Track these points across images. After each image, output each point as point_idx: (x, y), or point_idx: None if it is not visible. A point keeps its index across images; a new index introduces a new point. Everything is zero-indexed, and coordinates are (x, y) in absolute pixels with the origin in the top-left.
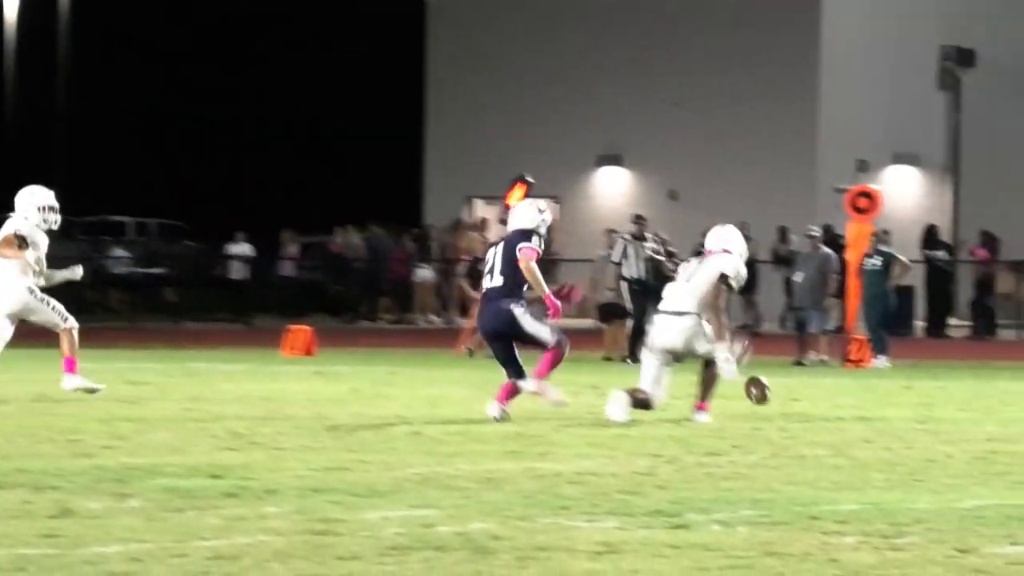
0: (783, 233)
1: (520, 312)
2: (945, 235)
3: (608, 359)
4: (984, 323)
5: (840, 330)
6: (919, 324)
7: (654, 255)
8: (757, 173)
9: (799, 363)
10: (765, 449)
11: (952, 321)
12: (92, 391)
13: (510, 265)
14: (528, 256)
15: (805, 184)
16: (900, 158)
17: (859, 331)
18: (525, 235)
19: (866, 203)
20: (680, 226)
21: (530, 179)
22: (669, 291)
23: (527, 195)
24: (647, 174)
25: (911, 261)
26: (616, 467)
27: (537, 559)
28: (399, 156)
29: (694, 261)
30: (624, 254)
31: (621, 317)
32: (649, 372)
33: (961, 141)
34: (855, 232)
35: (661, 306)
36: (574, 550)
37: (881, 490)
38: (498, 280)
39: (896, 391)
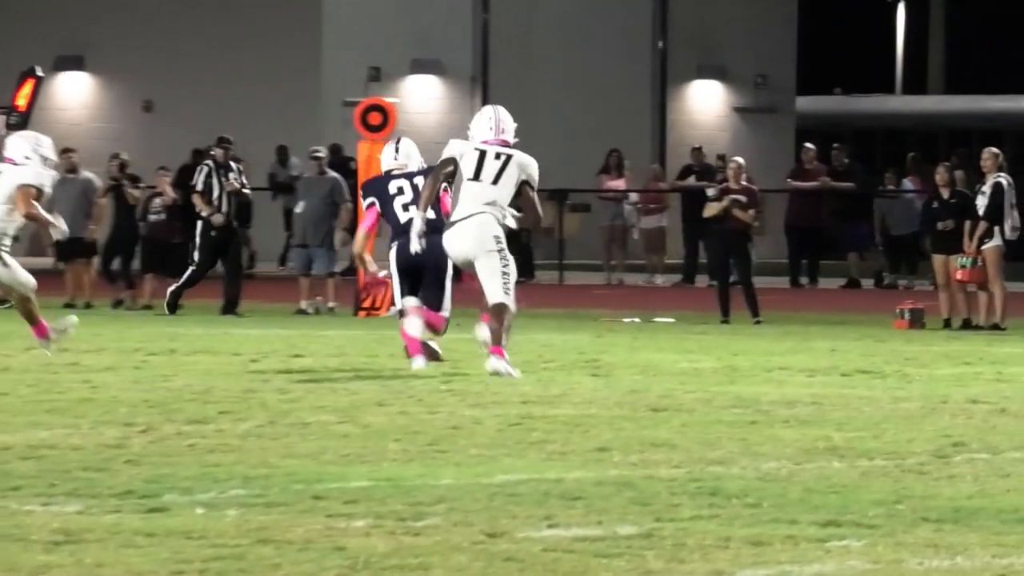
0: (282, 154)
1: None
2: None
3: (71, 305)
4: (520, 263)
5: (350, 272)
6: None
7: (240, 189)
8: (251, 82)
9: (301, 311)
10: (260, 415)
11: None
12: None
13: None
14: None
15: (308, 96)
16: (421, 66)
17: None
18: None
19: (379, 119)
20: (158, 144)
21: (40, 72)
22: (468, 196)
23: (36, 91)
24: (116, 81)
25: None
26: (79, 439)
27: None
28: None
29: (480, 156)
30: (206, 185)
31: (87, 255)
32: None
33: (491, 46)
34: (368, 153)
35: (458, 215)
36: (26, 540)
37: (397, 464)
38: (431, 212)
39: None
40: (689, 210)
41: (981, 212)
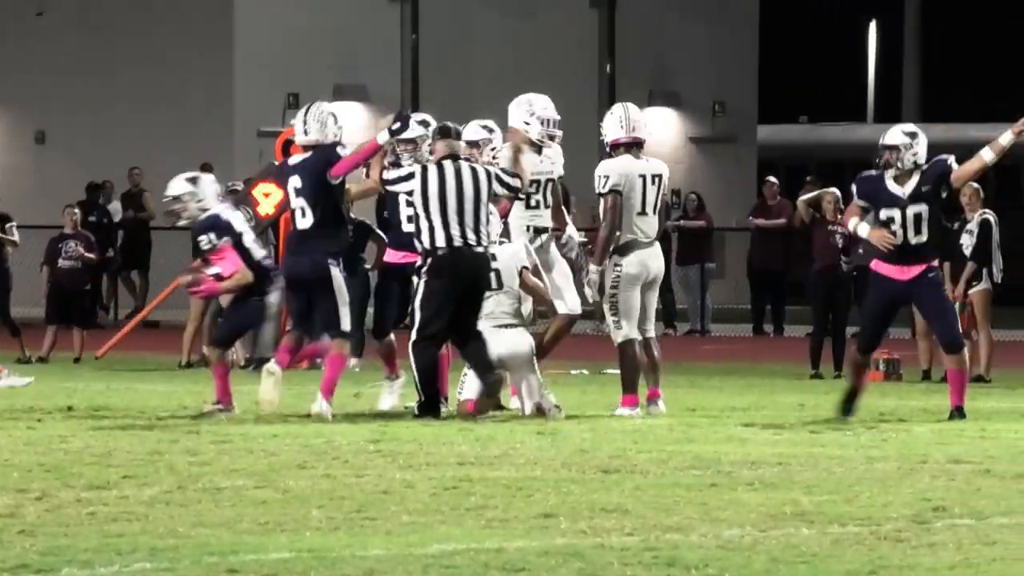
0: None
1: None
2: None
3: None
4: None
5: None
6: None
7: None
8: (155, 111)
9: (187, 365)
10: (168, 480)
11: None
12: None
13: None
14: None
15: (221, 125)
16: (344, 92)
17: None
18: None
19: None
20: (51, 178)
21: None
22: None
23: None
24: (6, 109)
25: None
26: None
27: None
28: None
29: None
30: None
31: None
32: None
33: (421, 70)
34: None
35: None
36: None
37: (321, 533)
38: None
39: (341, 399)
40: None
41: (968, 252)
